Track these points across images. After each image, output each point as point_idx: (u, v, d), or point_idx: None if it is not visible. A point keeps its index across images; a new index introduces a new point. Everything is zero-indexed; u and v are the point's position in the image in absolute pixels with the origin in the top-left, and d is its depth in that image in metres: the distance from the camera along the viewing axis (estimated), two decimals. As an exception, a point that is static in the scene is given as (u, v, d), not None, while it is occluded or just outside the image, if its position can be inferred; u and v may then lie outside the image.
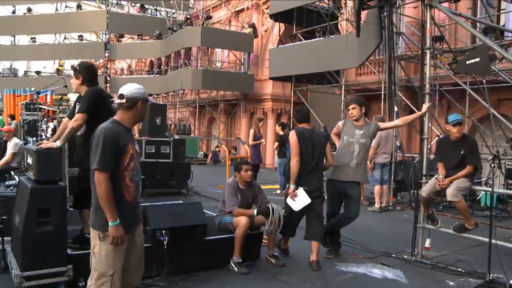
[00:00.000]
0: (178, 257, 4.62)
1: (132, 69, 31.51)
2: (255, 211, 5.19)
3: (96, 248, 3.09)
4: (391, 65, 8.63)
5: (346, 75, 15.56)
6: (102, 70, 29.49)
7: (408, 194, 10.15)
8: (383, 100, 12.62)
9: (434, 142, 9.71)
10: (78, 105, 4.39)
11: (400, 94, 11.34)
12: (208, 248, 4.98)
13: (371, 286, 4.88)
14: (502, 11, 12.83)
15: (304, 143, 5.30)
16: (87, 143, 3.32)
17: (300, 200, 5.23)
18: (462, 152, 5.39)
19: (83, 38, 27.88)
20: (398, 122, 6.69)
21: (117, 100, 3.12)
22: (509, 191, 8.75)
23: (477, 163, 5.59)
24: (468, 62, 5.55)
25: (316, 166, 5.37)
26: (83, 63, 4.53)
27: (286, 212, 5.28)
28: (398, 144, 10.53)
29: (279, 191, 10.55)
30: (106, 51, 26.62)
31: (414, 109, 10.16)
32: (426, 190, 5.59)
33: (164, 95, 27.33)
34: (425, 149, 5.95)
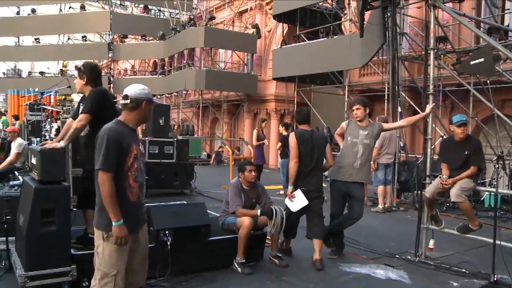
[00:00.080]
0: (182, 257, 4.63)
1: (135, 69, 31.59)
2: (258, 211, 5.20)
3: (99, 248, 3.09)
4: (394, 65, 8.59)
5: (350, 76, 15.55)
6: (105, 71, 29.52)
7: (412, 195, 10.13)
8: (386, 100, 12.61)
9: (438, 142, 9.69)
10: (82, 105, 4.40)
11: (403, 94, 11.32)
12: (212, 249, 4.98)
13: (375, 287, 4.87)
14: (506, 11, 12.78)
15: (303, 145, 5.37)
16: (91, 144, 3.33)
17: (298, 201, 5.34)
18: (466, 153, 5.37)
19: (87, 39, 27.96)
20: (402, 122, 6.67)
21: (121, 101, 3.12)
22: (513, 192, 8.72)
23: (481, 164, 5.56)
24: (472, 62, 5.54)
25: (315, 167, 5.43)
26: (88, 64, 4.54)
27: (287, 213, 5.31)
28: (402, 144, 10.51)
29: (282, 192, 10.54)
30: (110, 51, 26.68)
31: (417, 109, 10.15)
32: (429, 190, 5.57)
33: (167, 95, 27.36)
34: (428, 149, 5.94)
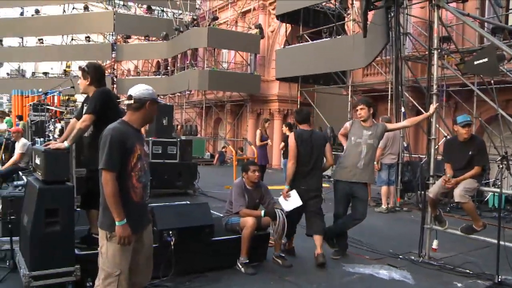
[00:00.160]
0: (185, 257, 4.63)
1: (138, 70, 31.62)
2: (262, 212, 5.20)
3: (103, 248, 3.10)
4: (398, 65, 8.60)
5: (353, 76, 15.53)
6: (109, 71, 29.57)
7: (415, 195, 10.11)
8: (390, 101, 12.60)
9: (442, 142, 9.66)
10: (85, 106, 4.41)
11: (407, 94, 11.30)
12: (215, 249, 4.99)
13: (378, 287, 4.86)
14: (510, 11, 12.73)
15: (302, 145, 5.46)
16: (95, 144, 3.33)
17: (292, 201, 5.41)
18: (470, 153, 5.35)
19: (90, 39, 28.02)
20: (406, 123, 6.67)
21: (125, 101, 3.13)
22: (517, 192, 8.68)
23: (485, 164, 5.55)
24: (476, 62, 5.53)
25: (314, 167, 5.50)
26: (92, 64, 4.55)
27: (286, 213, 5.33)
28: (405, 144, 10.49)
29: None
30: (113, 52, 26.71)
31: (421, 109, 10.12)
32: (433, 191, 5.56)
33: (170, 96, 27.39)
34: (432, 150, 5.92)
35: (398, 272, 5.24)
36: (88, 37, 27.73)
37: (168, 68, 27.30)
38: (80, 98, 24.82)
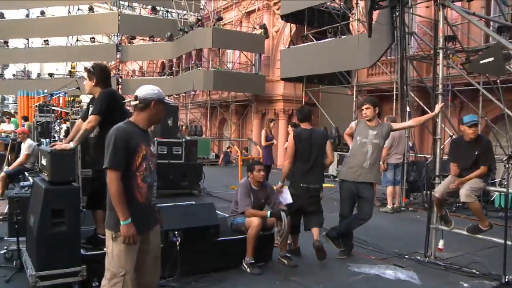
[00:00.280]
0: (191, 257, 4.63)
1: (143, 70, 31.71)
2: (268, 212, 5.18)
3: (109, 248, 3.10)
4: (403, 65, 8.59)
5: (358, 76, 15.52)
6: (113, 72, 29.66)
7: (421, 195, 10.08)
8: (395, 100, 12.57)
9: (447, 142, 9.63)
10: (91, 106, 4.41)
11: (412, 94, 11.26)
12: (221, 249, 4.99)
13: (384, 287, 4.84)
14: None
15: (301, 143, 5.54)
16: (101, 145, 3.34)
17: (283, 198, 5.52)
18: (476, 153, 5.32)
19: (95, 40, 28.12)
20: (411, 122, 6.65)
21: (132, 102, 3.15)
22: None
23: (491, 164, 5.51)
24: (482, 61, 5.50)
25: (315, 165, 5.55)
26: (97, 65, 4.55)
27: (287, 212, 5.36)
28: (411, 144, 10.47)
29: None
30: (118, 52, 26.81)
31: (426, 109, 10.09)
32: (439, 190, 5.54)
33: (175, 96, 27.44)
34: (438, 149, 5.91)
35: (404, 272, 5.22)
36: (93, 38, 27.85)
37: (173, 68, 27.35)
38: (85, 99, 24.94)
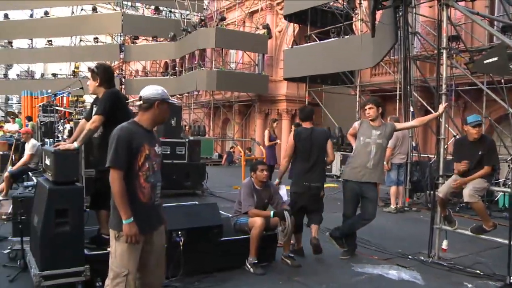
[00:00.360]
0: (194, 257, 4.63)
1: (146, 70, 31.74)
2: (271, 212, 5.18)
3: (112, 247, 3.11)
4: (406, 65, 8.56)
5: (361, 76, 15.49)
6: (117, 72, 29.71)
7: (424, 195, 10.05)
8: (398, 100, 12.56)
9: (451, 142, 9.60)
10: (95, 107, 4.42)
11: (415, 94, 11.24)
12: (224, 249, 4.99)
13: (387, 287, 4.85)
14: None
15: (301, 142, 5.61)
16: (104, 145, 3.34)
17: (280, 195, 5.62)
18: (480, 153, 5.30)
19: (99, 40, 28.18)
20: (415, 122, 6.63)
21: (137, 102, 3.16)
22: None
23: (495, 164, 5.49)
24: (486, 61, 5.48)
25: (316, 163, 5.60)
26: (101, 65, 4.56)
27: (290, 212, 5.38)
28: (414, 144, 10.44)
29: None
30: (121, 53, 26.88)
31: (430, 109, 10.07)
32: (442, 190, 5.53)
33: (178, 96, 27.47)
34: (441, 149, 5.89)
35: (408, 272, 5.21)
36: (97, 38, 27.91)
37: (176, 68, 27.39)
38: (88, 99, 25.02)
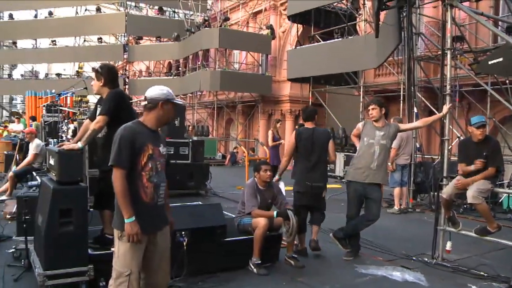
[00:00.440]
0: (198, 258, 4.63)
1: (150, 70, 31.78)
2: (275, 213, 5.17)
3: (116, 247, 3.12)
4: (410, 66, 8.56)
5: (365, 76, 15.47)
6: (120, 72, 29.74)
7: (428, 196, 10.02)
8: (402, 101, 12.52)
9: (455, 143, 9.58)
10: (99, 107, 4.43)
11: (419, 95, 11.22)
12: (227, 249, 4.99)
13: (391, 289, 4.83)
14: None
15: (302, 142, 5.71)
16: (108, 145, 3.34)
17: None
18: (485, 154, 5.28)
19: (102, 41, 28.24)
20: (419, 123, 6.61)
21: (142, 102, 3.17)
22: (532, 194, 8.58)
23: (499, 165, 5.47)
24: (490, 62, 5.48)
25: (317, 163, 5.68)
26: (105, 65, 4.57)
27: (294, 211, 5.40)
28: (418, 145, 10.41)
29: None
30: (125, 53, 26.92)
31: (433, 110, 10.04)
32: (447, 192, 5.50)
33: (182, 96, 27.49)
34: (445, 150, 5.87)
35: (412, 273, 5.19)
36: (100, 38, 27.97)
37: (180, 69, 27.39)
38: (92, 99, 25.06)
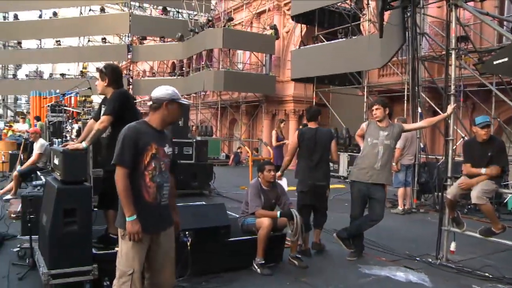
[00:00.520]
0: (202, 258, 4.63)
1: (154, 71, 31.84)
2: (278, 213, 5.17)
3: (119, 246, 3.14)
4: (414, 66, 8.51)
5: (369, 76, 15.44)
6: (124, 72, 29.82)
7: (432, 197, 9.99)
8: (406, 101, 12.50)
9: (459, 143, 9.54)
10: (103, 107, 4.44)
11: (423, 95, 11.18)
12: (231, 249, 4.99)
13: (395, 290, 4.82)
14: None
15: (305, 142, 5.81)
16: (112, 145, 3.36)
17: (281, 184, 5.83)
18: (490, 154, 5.26)
19: (106, 41, 28.30)
20: (423, 123, 6.60)
21: (148, 102, 3.18)
22: (537, 194, 8.54)
23: (504, 165, 5.45)
24: (495, 62, 5.45)
25: (320, 161, 5.78)
26: (109, 65, 4.59)
27: (298, 208, 5.49)
28: (422, 145, 10.38)
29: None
30: (129, 53, 26.98)
31: (438, 110, 10.02)
32: (451, 192, 5.49)
33: (186, 96, 27.51)
34: (450, 151, 5.85)
35: (415, 274, 5.18)
36: (104, 38, 28.04)
37: (184, 69, 27.43)
38: (96, 99, 25.10)
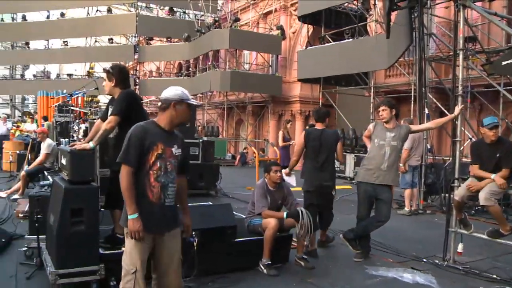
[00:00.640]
0: (208, 258, 4.64)
1: (160, 71, 31.92)
2: (285, 213, 5.16)
3: (124, 245, 3.16)
4: (421, 66, 8.48)
5: (375, 77, 15.38)
6: (131, 73, 29.89)
7: (439, 198, 9.94)
8: (413, 102, 12.43)
9: (466, 145, 9.49)
10: (111, 107, 4.46)
11: (430, 96, 11.13)
12: (238, 250, 5.00)
13: (402, 291, 4.80)
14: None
15: (311, 142, 5.89)
16: (119, 145, 3.37)
17: (290, 180, 6.07)
18: (498, 155, 5.22)
19: (113, 41, 28.41)
20: (430, 124, 6.56)
21: (158, 103, 3.21)
22: (545, 196, 8.45)
23: (512, 167, 5.41)
24: (504, 63, 5.42)
25: (325, 163, 5.86)
26: (116, 66, 4.60)
27: (305, 206, 5.49)
28: (429, 146, 10.33)
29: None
30: (135, 53, 27.07)
31: (445, 111, 9.97)
32: (459, 193, 5.46)
33: (192, 96, 27.51)
34: (457, 152, 5.82)
35: (422, 275, 5.16)
36: (111, 39, 28.14)
37: (190, 69, 27.46)
38: (103, 99, 25.21)
